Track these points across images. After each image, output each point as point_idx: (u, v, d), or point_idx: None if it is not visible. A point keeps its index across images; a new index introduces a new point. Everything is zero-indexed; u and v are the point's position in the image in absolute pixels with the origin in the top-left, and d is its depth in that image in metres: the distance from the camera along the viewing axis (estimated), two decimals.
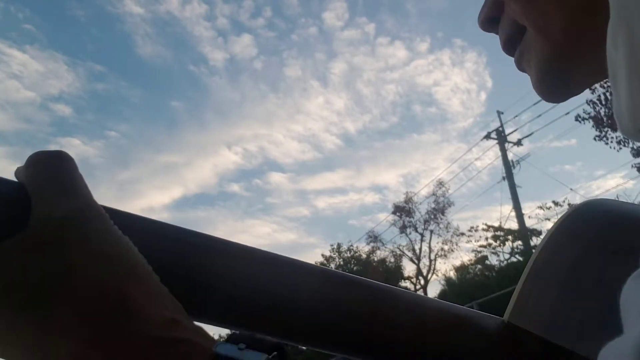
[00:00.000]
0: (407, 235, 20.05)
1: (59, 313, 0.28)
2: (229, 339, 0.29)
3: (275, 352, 0.32)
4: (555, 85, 0.41)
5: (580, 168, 28.06)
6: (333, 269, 0.50)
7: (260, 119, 33.33)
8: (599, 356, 0.22)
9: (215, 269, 0.40)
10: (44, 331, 0.28)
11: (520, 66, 0.44)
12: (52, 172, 0.33)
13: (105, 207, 0.35)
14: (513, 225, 17.28)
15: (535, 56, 0.41)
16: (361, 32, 30.51)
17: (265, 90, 32.59)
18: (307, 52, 32.09)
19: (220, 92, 33.15)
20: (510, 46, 0.43)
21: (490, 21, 0.44)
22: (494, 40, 0.46)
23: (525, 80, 0.46)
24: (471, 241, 18.48)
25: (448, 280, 17.77)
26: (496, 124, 19.72)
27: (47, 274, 0.29)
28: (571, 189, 18.81)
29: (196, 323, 0.32)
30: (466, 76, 28.98)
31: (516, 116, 21.34)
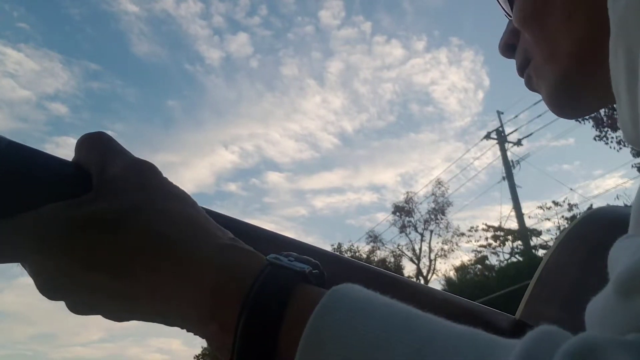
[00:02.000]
0: (407, 235, 20.05)
1: (137, 234, 0.35)
2: (280, 254, 0.34)
3: (316, 270, 0.36)
4: (564, 104, 0.44)
5: (579, 167, 28.01)
6: None
7: (256, 118, 33.21)
8: (587, 307, 0.24)
9: None
10: (123, 251, 0.35)
11: (531, 87, 0.47)
12: (101, 144, 0.39)
13: None
14: (513, 225, 17.28)
15: (544, 81, 0.44)
16: (357, 31, 30.42)
17: (261, 89, 32.50)
18: (304, 51, 31.94)
19: (216, 91, 33.05)
20: (523, 71, 0.47)
21: (508, 47, 0.48)
22: (490, 39, 0.50)
23: (522, 80, 0.48)
24: (471, 241, 18.47)
25: (448, 280, 17.75)
26: (494, 123, 19.71)
27: (122, 208, 0.35)
28: (571, 189, 18.81)
29: None
30: (463, 75, 28.90)
31: (516, 116, 21.32)
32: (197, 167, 32.76)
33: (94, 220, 0.35)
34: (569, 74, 0.41)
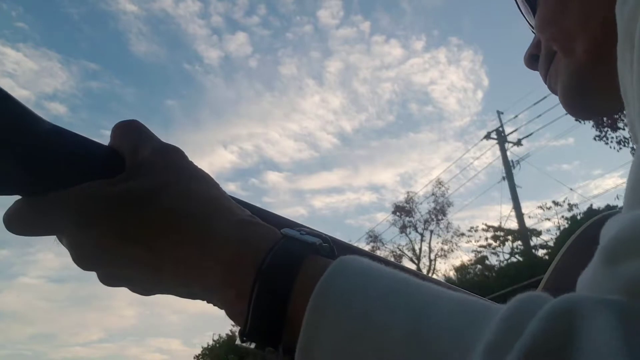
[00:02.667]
0: (407, 235, 20.07)
1: (165, 209, 0.38)
2: (293, 228, 0.38)
3: (327, 244, 0.39)
4: (578, 101, 0.46)
5: (578, 167, 28.04)
6: None
7: (255, 117, 33.27)
8: (578, 280, 0.25)
9: None
10: (152, 223, 0.38)
11: (551, 88, 0.49)
12: (130, 131, 0.43)
13: None
14: (512, 225, 17.30)
15: (561, 74, 0.46)
16: (356, 31, 30.39)
17: (260, 88, 32.55)
18: (302, 51, 31.97)
19: (215, 91, 33.07)
20: (544, 68, 0.49)
21: (532, 58, 0.51)
22: (489, 39, 0.52)
23: (522, 80, 0.51)
24: (471, 241, 18.49)
25: (448, 280, 17.76)
26: (493, 123, 19.72)
27: (152, 186, 0.39)
28: (571, 189, 18.80)
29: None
30: (462, 75, 28.88)
31: (516, 116, 21.31)
32: None
33: (126, 197, 0.38)
34: (584, 70, 0.43)
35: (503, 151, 17.97)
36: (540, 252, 15.58)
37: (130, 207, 0.38)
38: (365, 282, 0.31)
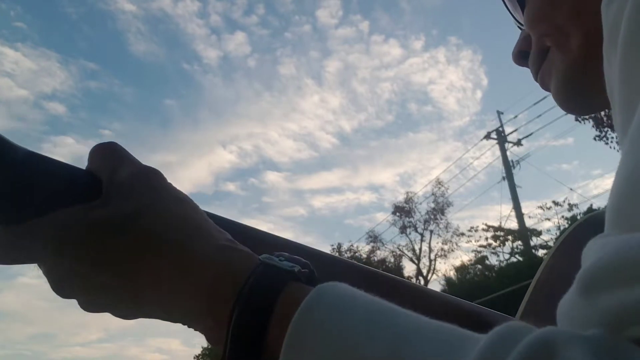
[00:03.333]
0: (407, 235, 20.06)
1: (141, 235, 0.37)
2: (272, 254, 0.37)
3: (306, 269, 0.38)
4: (573, 97, 0.45)
5: (578, 167, 28.03)
6: None
7: (254, 117, 33.22)
8: (558, 306, 0.25)
9: None
10: (128, 250, 0.37)
11: (544, 85, 0.48)
12: (112, 152, 0.42)
13: None
14: (511, 224, 17.29)
15: (555, 71, 0.45)
16: (355, 30, 30.40)
17: (259, 88, 32.49)
18: (301, 50, 31.94)
19: (214, 91, 33.01)
20: (539, 67, 0.48)
21: (521, 54, 0.49)
22: (488, 38, 0.51)
23: (521, 79, 0.50)
24: (471, 241, 18.49)
25: (448, 280, 17.77)
26: (492, 123, 19.72)
27: (128, 212, 0.38)
28: (571, 189, 18.80)
29: None
30: (461, 74, 28.89)
31: (515, 116, 21.31)
32: (195, 167, 32.82)
33: (103, 224, 0.38)
34: (579, 66, 0.42)
35: (503, 151, 17.97)
36: (541, 252, 15.58)
37: (107, 233, 0.38)
38: (343, 312, 0.30)
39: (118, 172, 0.40)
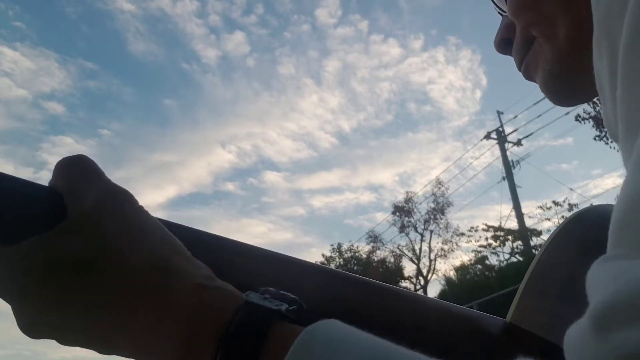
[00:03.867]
0: (406, 235, 20.08)
1: (107, 278, 0.34)
2: (257, 291, 0.34)
3: (294, 306, 0.36)
4: (560, 88, 0.44)
5: (577, 167, 28.05)
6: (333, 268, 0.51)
7: (253, 117, 33.26)
8: (565, 336, 0.23)
9: (215, 264, 0.42)
10: (95, 293, 0.34)
11: (528, 75, 0.46)
12: (77, 170, 0.38)
13: None
14: (511, 224, 17.30)
15: (541, 62, 0.43)
16: (354, 30, 30.54)
17: (258, 88, 32.54)
18: (300, 50, 31.99)
19: (213, 90, 33.00)
20: (523, 57, 0.46)
21: (504, 42, 0.48)
22: (487, 38, 0.49)
23: (521, 79, 0.48)
24: (471, 241, 18.50)
25: (448, 280, 17.79)
26: (492, 123, 19.78)
27: (90, 251, 0.34)
28: (571, 189, 18.83)
29: None
30: (460, 74, 28.95)
31: (515, 116, 21.33)
32: (194, 167, 32.83)
33: (66, 260, 0.34)
34: (567, 56, 0.41)
35: (503, 151, 17.98)
36: None
37: (71, 271, 0.34)
38: (334, 355, 0.28)
39: (84, 195, 0.36)
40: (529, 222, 16.99)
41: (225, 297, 0.35)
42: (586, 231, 0.52)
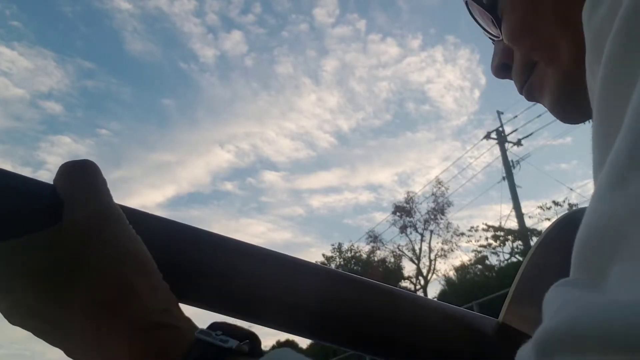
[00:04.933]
0: (407, 235, 20.06)
1: (77, 296, 0.35)
2: (209, 327, 0.35)
3: (247, 340, 0.36)
4: (570, 109, 0.43)
5: (576, 167, 28.01)
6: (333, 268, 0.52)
7: (252, 116, 33.21)
8: (516, 356, 0.23)
9: (220, 264, 0.43)
10: (64, 309, 0.35)
11: (531, 97, 0.46)
12: (79, 179, 0.39)
13: (122, 207, 0.40)
14: (510, 224, 17.29)
15: (548, 86, 0.43)
16: (352, 29, 30.46)
17: (256, 87, 32.45)
18: (298, 49, 31.95)
19: (211, 90, 32.98)
20: (525, 81, 0.45)
21: (503, 68, 0.47)
22: (486, 37, 0.48)
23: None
24: (471, 241, 18.48)
25: (448, 280, 17.77)
26: (490, 122, 19.76)
27: (69, 265, 0.35)
28: (571, 189, 18.81)
29: (186, 314, 0.39)
30: (459, 73, 28.94)
31: (515, 116, 21.31)
32: (193, 167, 32.80)
33: (43, 270, 0.35)
34: (573, 77, 0.40)
35: (503, 151, 17.96)
36: None
37: (43, 276, 0.35)
38: None
39: (80, 207, 0.37)
40: (528, 222, 17.00)
41: (177, 337, 0.36)
42: (572, 234, 0.53)
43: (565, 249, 0.54)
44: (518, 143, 18.09)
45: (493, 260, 17.18)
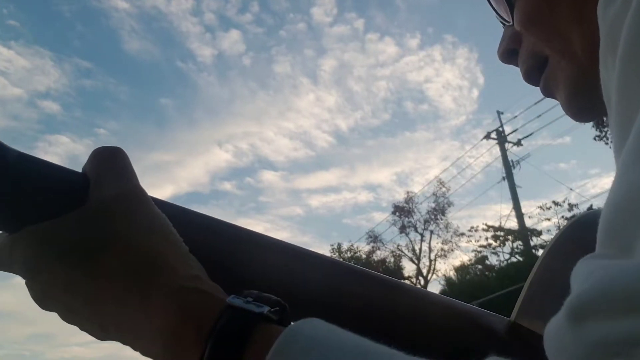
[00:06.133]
0: (406, 235, 20.06)
1: (107, 268, 0.37)
2: (240, 294, 0.36)
3: (277, 307, 0.36)
4: (585, 105, 0.42)
5: (575, 167, 28.01)
6: None
7: (250, 116, 33.07)
8: (546, 327, 0.24)
9: (233, 254, 0.44)
10: (95, 281, 0.37)
11: (548, 92, 0.45)
12: (108, 162, 0.41)
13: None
14: (510, 224, 17.29)
15: (562, 79, 0.42)
16: (350, 28, 30.26)
17: (254, 87, 32.33)
18: (296, 49, 31.79)
19: (209, 89, 32.76)
20: (532, 76, 0.45)
21: (509, 53, 0.46)
22: (484, 36, 0.48)
23: (518, 78, 0.46)
24: (471, 241, 18.49)
25: (448, 280, 17.78)
26: (489, 122, 19.79)
27: (98, 240, 0.38)
28: (571, 189, 18.79)
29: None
30: (458, 73, 28.82)
31: (515, 117, 21.30)
32: (191, 166, 32.67)
33: (75, 244, 0.38)
34: (587, 72, 0.39)
35: (503, 151, 17.97)
36: (541, 252, 15.54)
37: (78, 257, 0.37)
38: (314, 356, 0.29)
39: (107, 188, 0.40)
40: (528, 222, 17.00)
41: (208, 301, 0.36)
42: (587, 235, 0.53)
43: (578, 251, 0.54)
44: (518, 143, 18.10)
45: (493, 260, 17.20)
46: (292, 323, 0.33)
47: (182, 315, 0.35)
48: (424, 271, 19.91)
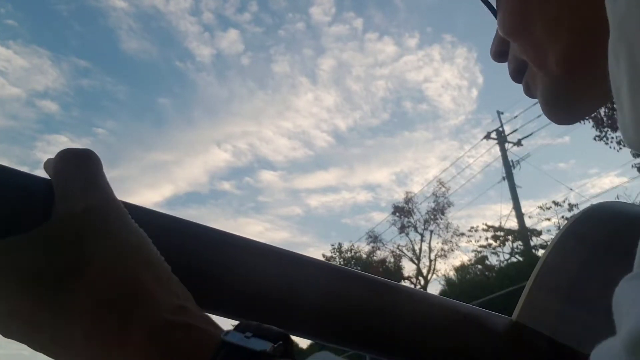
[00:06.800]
0: (406, 235, 20.07)
1: (77, 299, 0.31)
2: (237, 328, 0.30)
3: (280, 341, 0.32)
4: (561, 112, 0.44)
5: (575, 166, 28.03)
6: None
7: (249, 116, 33.14)
8: (591, 356, 0.22)
9: (225, 263, 0.41)
10: (63, 315, 0.31)
11: (529, 94, 0.46)
12: (76, 169, 0.35)
13: (124, 203, 0.37)
14: (510, 224, 17.30)
15: (539, 87, 0.43)
16: (349, 28, 30.36)
17: (253, 86, 32.41)
18: (295, 48, 31.87)
19: (208, 89, 32.84)
20: (516, 76, 0.46)
21: (500, 53, 0.48)
22: (483, 36, 0.49)
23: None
24: (471, 241, 18.50)
25: (448, 280, 17.78)
26: (488, 121, 19.81)
27: (65, 264, 0.31)
28: (571, 189, 18.78)
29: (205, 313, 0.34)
30: (457, 72, 28.91)
31: (515, 117, 21.32)
32: (190, 166, 32.75)
33: (37, 273, 0.31)
34: (560, 82, 0.41)
35: (503, 151, 17.97)
36: (541, 252, 15.57)
37: (37, 282, 0.31)
38: None
39: (74, 199, 0.34)
40: (528, 222, 17.01)
41: (199, 338, 0.31)
42: (595, 231, 0.52)
43: (582, 248, 0.53)
44: (518, 143, 18.10)
45: (493, 260, 17.21)
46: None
47: (167, 356, 0.30)
48: (424, 271, 19.93)
